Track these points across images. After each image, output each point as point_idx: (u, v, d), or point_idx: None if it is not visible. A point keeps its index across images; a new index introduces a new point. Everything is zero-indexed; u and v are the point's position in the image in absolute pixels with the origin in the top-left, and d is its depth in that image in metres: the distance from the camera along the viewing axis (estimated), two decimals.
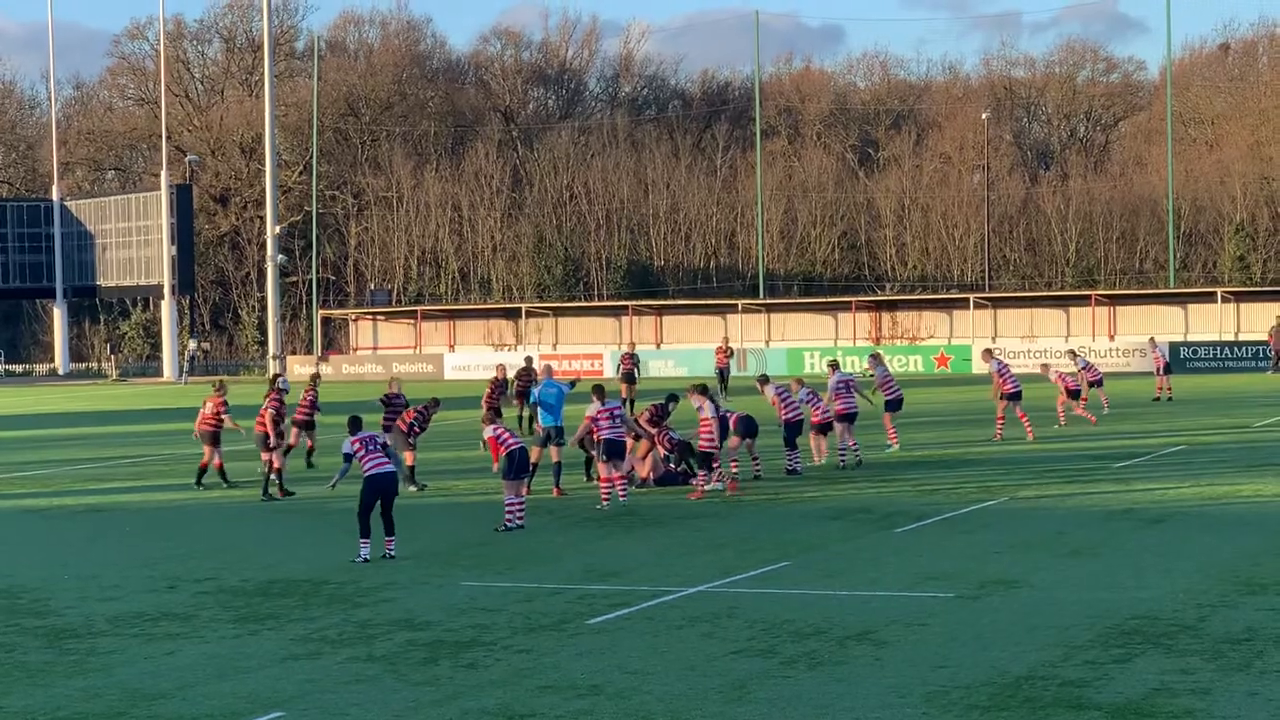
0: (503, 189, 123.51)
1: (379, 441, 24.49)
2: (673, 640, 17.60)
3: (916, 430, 44.65)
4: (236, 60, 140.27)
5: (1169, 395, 55.77)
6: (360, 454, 24.12)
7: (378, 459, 24.06)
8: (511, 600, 20.19)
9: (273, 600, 20.74)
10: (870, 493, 30.25)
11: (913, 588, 20.31)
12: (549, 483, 31.21)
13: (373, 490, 23.93)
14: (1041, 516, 26.46)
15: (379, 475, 23.97)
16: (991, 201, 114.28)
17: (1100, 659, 16.10)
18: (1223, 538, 23.73)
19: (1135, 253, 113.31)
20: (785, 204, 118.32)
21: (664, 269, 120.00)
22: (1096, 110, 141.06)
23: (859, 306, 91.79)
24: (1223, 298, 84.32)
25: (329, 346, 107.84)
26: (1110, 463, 34.22)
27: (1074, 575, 20.93)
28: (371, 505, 23.89)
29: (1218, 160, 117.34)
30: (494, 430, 27.11)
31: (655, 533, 26.14)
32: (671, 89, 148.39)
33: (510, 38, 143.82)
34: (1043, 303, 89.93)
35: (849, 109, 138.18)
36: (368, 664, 16.95)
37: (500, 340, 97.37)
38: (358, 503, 23.97)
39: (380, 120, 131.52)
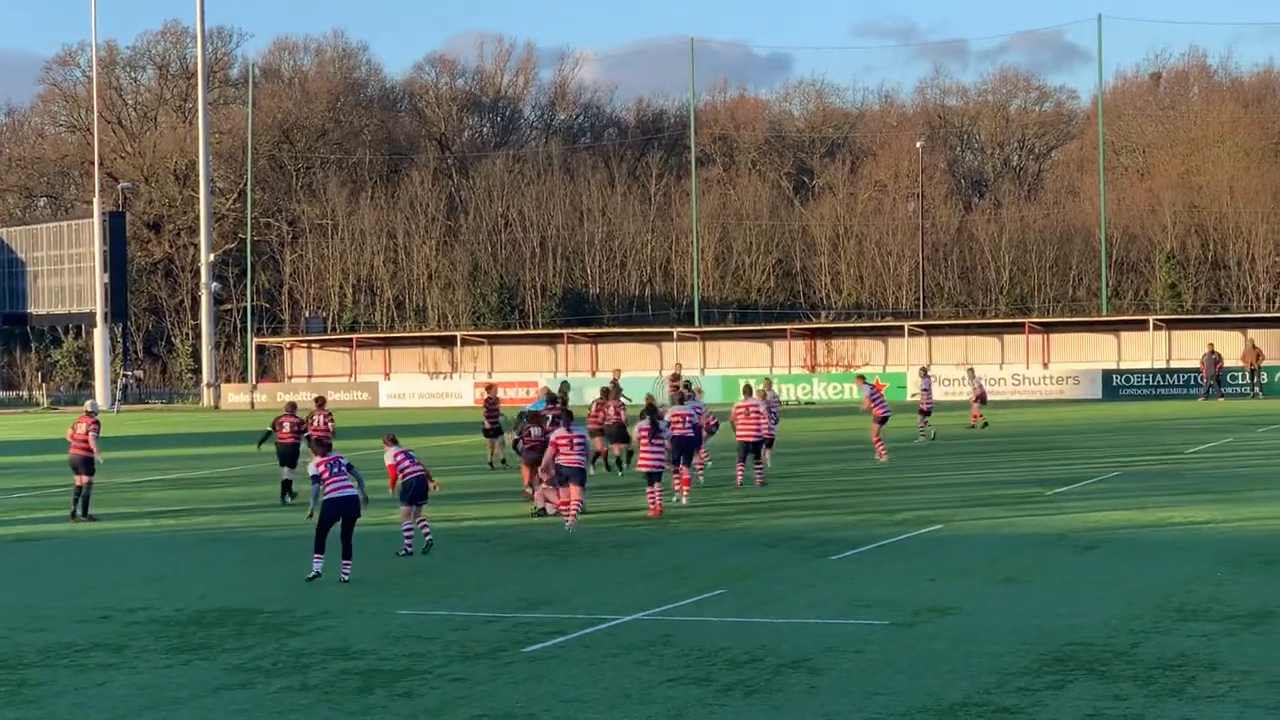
0: (438, 217, 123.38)
1: (344, 464, 24.71)
2: (608, 668, 17.56)
3: (852, 458, 44.78)
4: (170, 87, 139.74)
5: (983, 423, 55.93)
6: (324, 475, 24.40)
7: (339, 481, 24.36)
8: (447, 629, 20.11)
9: (206, 630, 20.60)
10: (806, 520, 30.28)
11: (848, 615, 20.33)
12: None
13: (331, 512, 24.26)
14: (976, 543, 26.54)
15: (338, 499, 24.29)
16: (926, 229, 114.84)
17: (1034, 685, 16.14)
18: (1155, 564, 23.85)
19: (1068, 280, 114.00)
20: (720, 232, 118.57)
21: (599, 297, 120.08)
22: (1030, 139, 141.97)
23: (794, 334, 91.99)
24: (1154, 325, 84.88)
25: (263, 374, 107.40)
26: (1044, 489, 34.36)
27: (1008, 602, 20.99)
28: (329, 525, 24.20)
29: (1149, 189, 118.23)
30: (393, 456, 27.29)
31: (591, 560, 26.09)
32: (607, 117, 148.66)
33: (445, 65, 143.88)
34: (977, 330, 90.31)
35: (784, 137, 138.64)
36: (301, 694, 16.84)
37: (436, 368, 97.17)
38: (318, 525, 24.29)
39: (315, 147, 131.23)
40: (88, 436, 34.02)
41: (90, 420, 34.50)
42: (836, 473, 40.35)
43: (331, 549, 24.06)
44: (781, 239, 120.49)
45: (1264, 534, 26.83)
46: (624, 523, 30.60)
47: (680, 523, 30.46)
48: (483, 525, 30.94)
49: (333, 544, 24.04)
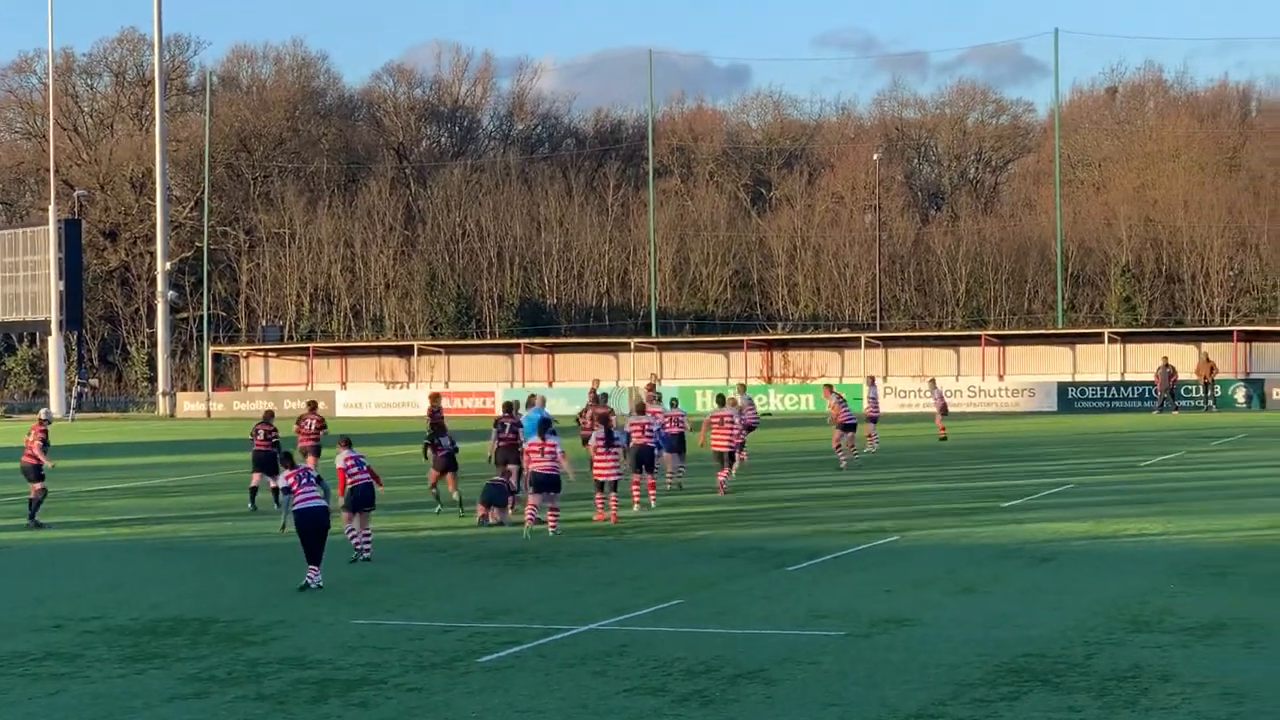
0: (395, 226, 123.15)
1: (313, 475, 25.00)
2: (564, 679, 17.55)
3: (809, 469, 44.85)
4: (127, 94, 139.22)
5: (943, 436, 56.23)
6: (294, 487, 24.81)
7: (309, 492, 24.64)
8: (402, 638, 20.08)
9: (160, 639, 20.53)
10: (763, 531, 30.31)
11: (804, 626, 20.35)
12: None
13: (305, 523, 24.53)
14: (932, 554, 26.60)
15: (306, 509, 24.56)
16: (883, 241, 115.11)
17: (989, 697, 16.19)
18: (1110, 576, 23.93)
19: (1024, 293, 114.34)
20: (678, 243, 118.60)
21: (556, 307, 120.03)
22: (986, 152, 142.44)
23: (751, 345, 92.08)
24: (1110, 338, 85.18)
25: (219, 383, 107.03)
26: (1000, 501, 34.46)
27: (964, 613, 21.04)
28: (310, 538, 24.48)
29: (1105, 202, 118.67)
30: (343, 460, 27.51)
31: (547, 570, 26.08)
32: (565, 127, 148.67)
33: (403, 75, 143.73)
34: (933, 342, 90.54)
35: (742, 148, 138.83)
36: (257, 703, 16.80)
37: (392, 378, 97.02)
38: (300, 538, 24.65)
39: (273, 156, 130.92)
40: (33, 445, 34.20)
41: (39, 428, 34.69)
42: (794, 484, 40.41)
43: (296, 557, 24.01)
44: (738, 250, 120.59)
45: (1216, 546, 26.95)
46: (581, 533, 30.59)
47: (637, 533, 30.47)
48: (439, 535, 30.91)
49: (296, 552, 23.99)
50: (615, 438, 32.38)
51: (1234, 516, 30.84)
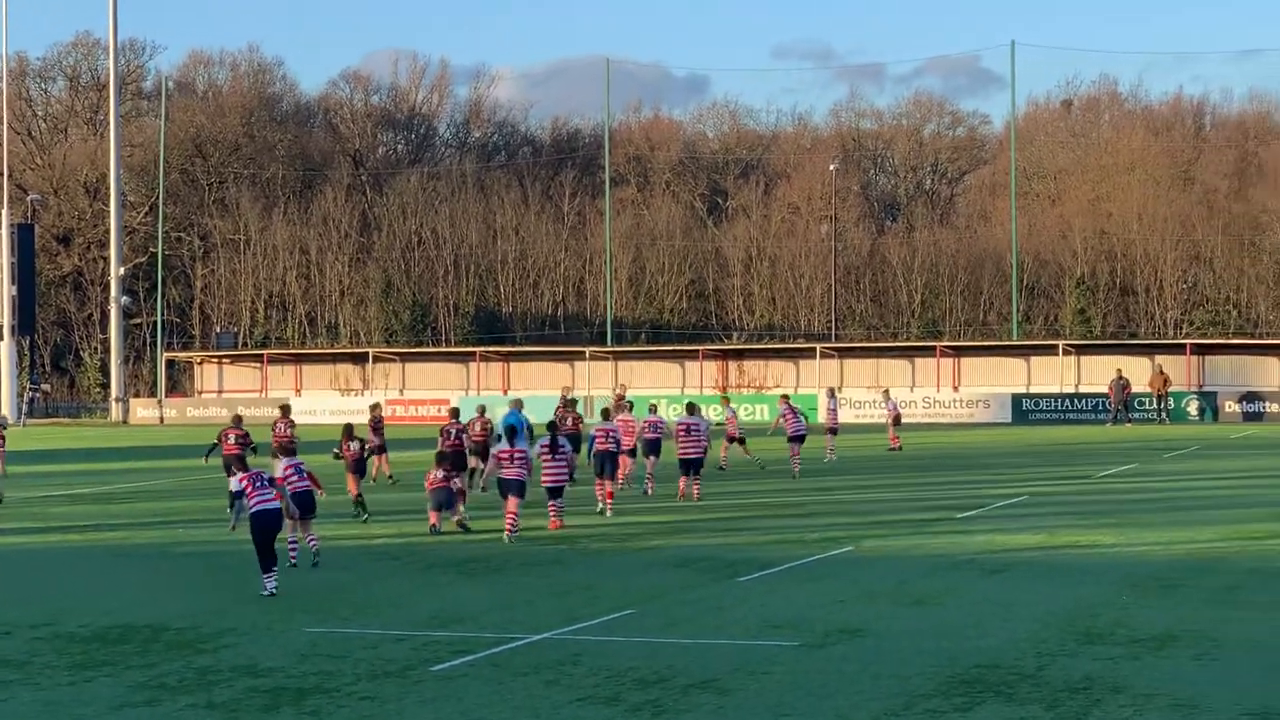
0: (351, 233, 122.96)
1: (266, 478, 25.10)
2: (517, 687, 17.52)
3: (763, 479, 44.90)
4: (81, 99, 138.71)
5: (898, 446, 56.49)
6: (248, 490, 24.84)
7: (263, 495, 24.73)
8: (355, 647, 20.01)
9: (110, 646, 20.41)
10: (715, 541, 30.31)
11: (757, 636, 20.35)
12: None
13: (258, 527, 24.55)
14: (886, 566, 26.63)
15: (263, 511, 24.61)
16: (838, 252, 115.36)
17: (942, 708, 16.21)
18: (1063, 587, 23.99)
19: (979, 305, 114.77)
20: (634, 252, 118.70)
21: (512, 315, 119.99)
22: (942, 163, 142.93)
23: (706, 355, 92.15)
24: (1064, 350, 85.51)
25: (173, 389, 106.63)
26: (954, 513, 34.54)
27: (917, 624, 21.07)
28: (265, 540, 24.48)
29: (1060, 215, 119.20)
30: (282, 469, 27.44)
31: (500, 579, 26.03)
32: (522, 135, 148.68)
33: (360, 82, 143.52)
34: (888, 353, 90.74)
35: (698, 158, 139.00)
36: (208, 711, 16.72)
37: (347, 385, 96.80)
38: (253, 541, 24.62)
39: (228, 162, 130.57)
40: None
41: None
42: (747, 494, 40.44)
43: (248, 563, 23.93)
44: (695, 260, 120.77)
45: (1168, 558, 27.05)
46: (535, 542, 30.56)
47: (590, 542, 30.44)
48: (394, 543, 30.84)
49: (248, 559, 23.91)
50: (561, 445, 32.44)
51: (1186, 529, 30.96)
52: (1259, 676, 17.56)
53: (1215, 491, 39.70)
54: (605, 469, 35.48)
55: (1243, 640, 19.58)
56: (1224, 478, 44.12)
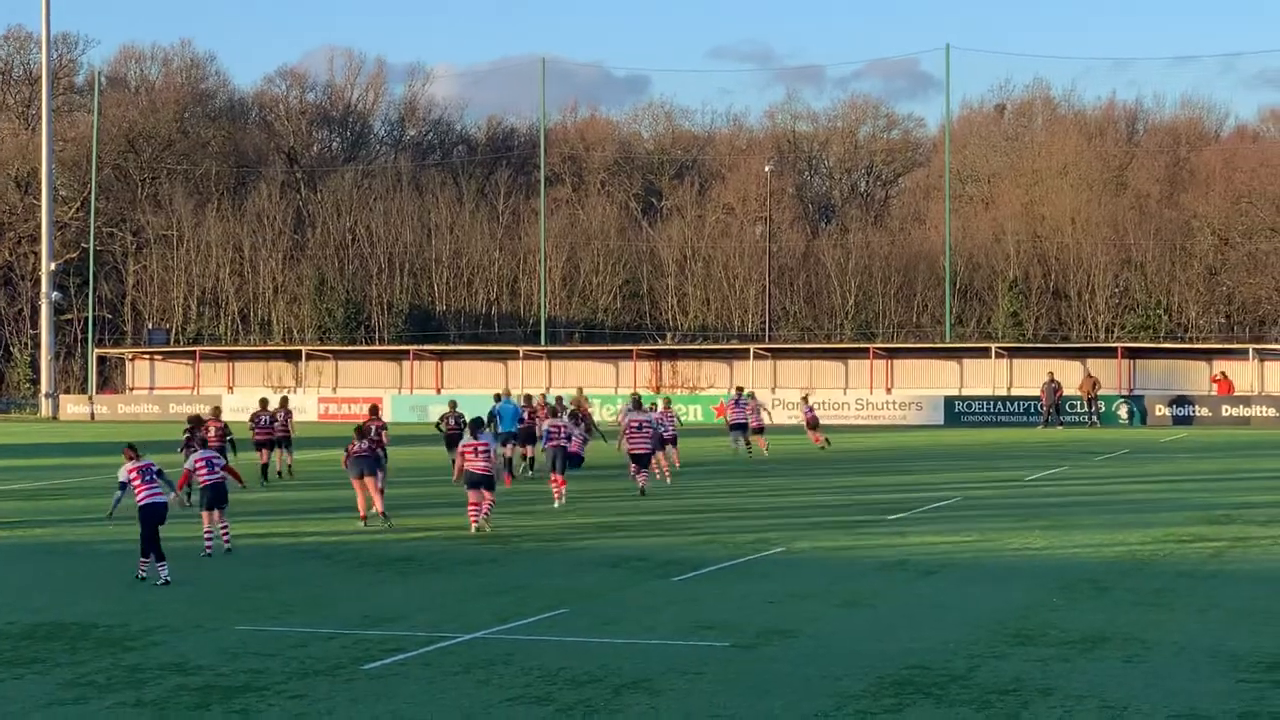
0: (285, 230, 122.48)
1: (154, 470, 25.73)
2: (449, 687, 17.49)
3: (694, 479, 44.94)
4: (13, 93, 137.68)
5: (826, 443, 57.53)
6: (136, 482, 25.50)
7: (151, 489, 25.46)
8: (286, 645, 19.94)
9: (38, 644, 20.28)
10: (648, 541, 30.33)
11: (689, 636, 20.37)
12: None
13: (147, 517, 25.24)
14: (817, 567, 26.69)
15: (151, 504, 25.39)
16: (773, 253, 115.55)
17: (872, 709, 16.26)
18: (994, 589, 24.10)
19: (913, 307, 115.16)
20: (568, 251, 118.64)
21: (446, 314, 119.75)
22: (877, 165, 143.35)
23: (640, 355, 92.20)
24: (996, 353, 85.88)
25: (104, 386, 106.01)
26: (885, 514, 34.65)
27: (849, 625, 21.13)
28: (148, 533, 25.14)
29: (993, 218, 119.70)
30: (193, 461, 28.69)
31: (433, 578, 25.98)
32: (457, 134, 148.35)
33: (296, 78, 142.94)
34: (822, 355, 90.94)
35: (633, 158, 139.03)
36: (137, 709, 16.63)
37: (280, 382, 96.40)
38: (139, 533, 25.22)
39: (161, 158, 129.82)
40: None
41: None
42: (679, 494, 40.47)
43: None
44: (629, 260, 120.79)
45: (1098, 561, 27.20)
46: (468, 540, 30.52)
47: (522, 541, 30.43)
48: (325, 541, 30.74)
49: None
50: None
51: (1116, 531, 31.15)
52: (1188, 678, 17.67)
53: (1145, 494, 39.95)
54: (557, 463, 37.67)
55: (1172, 642, 19.70)
56: (1154, 481, 44.40)
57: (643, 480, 39.84)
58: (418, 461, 50.28)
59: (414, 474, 46.39)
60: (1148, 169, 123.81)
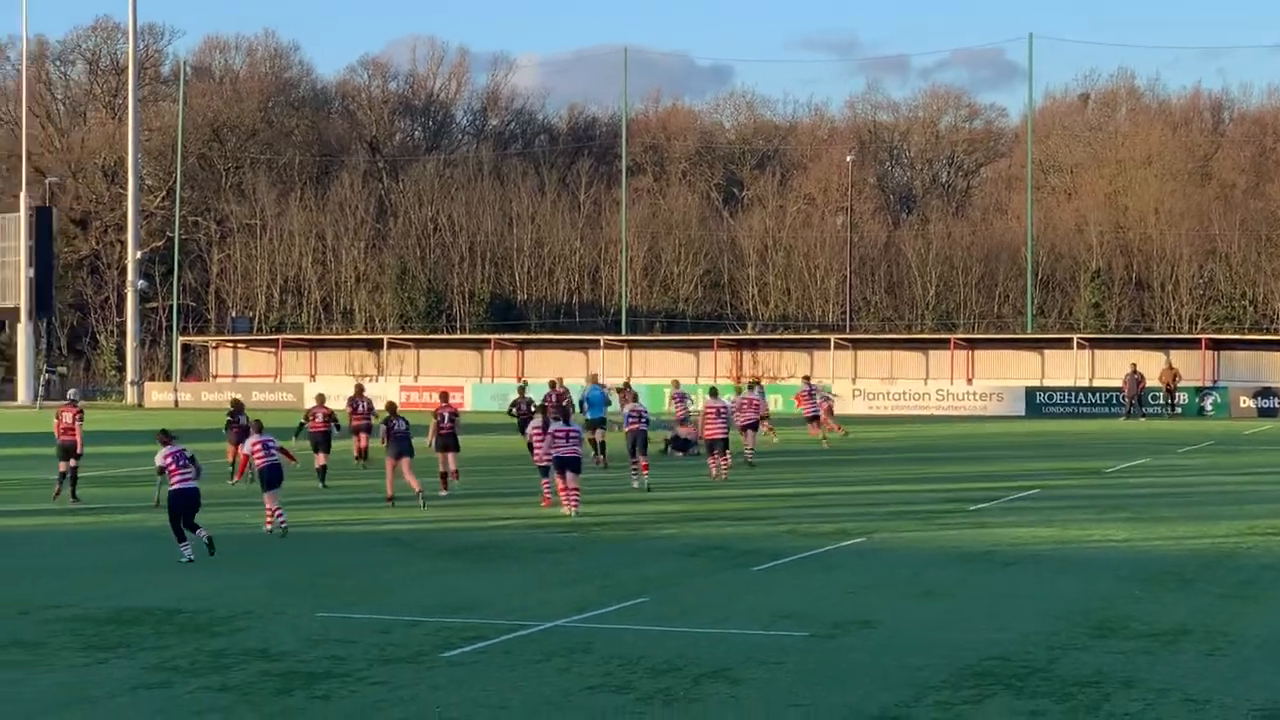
0: (367, 219, 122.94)
1: (187, 456, 26.70)
2: (529, 674, 17.56)
3: (775, 469, 44.90)
4: (100, 82, 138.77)
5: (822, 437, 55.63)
6: (170, 467, 26.49)
7: (184, 475, 26.43)
8: (368, 632, 20.07)
9: (124, 628, 20.48)
10: (728, 530, 30.35)
11: (768, 626, 20.38)
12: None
13: (178, 504, 26.39)
14: (897, 557, 26.65)
15: (182, 490, 26.47)
16: (853, 244, 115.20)
17: (952, 700, 16.23)
18: (1074, 581, 23.99)
19: (994, 297, 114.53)
20: (649, 241, 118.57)
21: (527, 303, 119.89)
22: (959, 156, 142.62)
23: (721, 345, 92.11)
24: (1078, 344, 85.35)
25: (189, 373, 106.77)
26: (965, 505, 34.54)
27: (928, 616, 21.09)
28: (178, 517, 26.20)
29: (1076, 209, 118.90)
30: (250, 445, 29.95)
31: (514, 566, 26.08)
32: (539, 123, 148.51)
33: (378, 68, 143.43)
34: (903, 345, 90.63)
35: (715, 148, 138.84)
36: (220, 694, 16.78)
37: (361, 371, 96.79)
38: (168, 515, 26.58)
39: (245, 147, 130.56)
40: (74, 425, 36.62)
41: (75, 410, 37.24)
42: (759, 483, 40.46)
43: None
44: (710, 250, 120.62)
45: (1180, 553, 27.04)
46: (548, 528, 30.61)
47: (603, 530, 30.49)
48: (407, 529, 30.89)
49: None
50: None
51: (1199, 523, 30.96)
52: (1271, 672, 17.57)
53: (1229, 487, 39.67)
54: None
55: (1255, 636, 19.59)
56: (1237, 473, 44.10)
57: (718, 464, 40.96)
58: (497, 449, 50.38)
59: (492, 462, 46.56)
60: (1233, 159, 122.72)
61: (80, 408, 37.90)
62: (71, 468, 36.44)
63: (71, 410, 37.38)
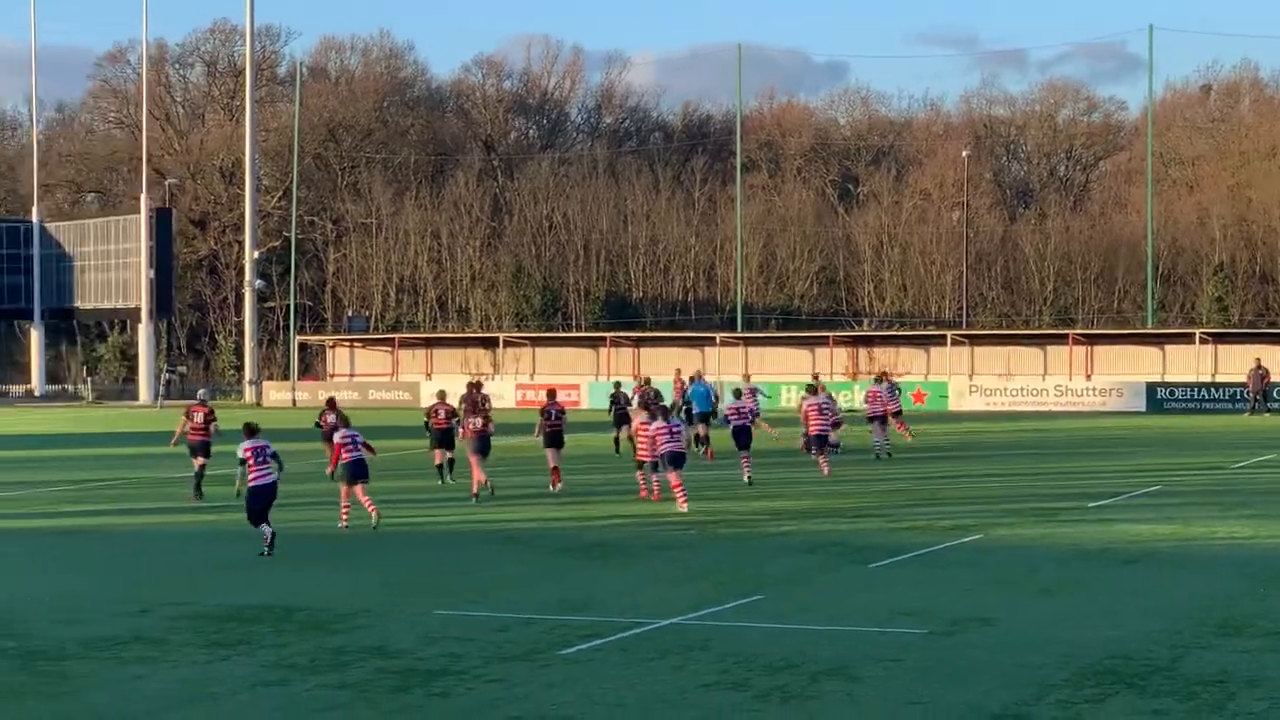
0: (482, 218, 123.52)
1: (269, 452, 27.48)
2: (645, 672, 17.53)
3: (892, 465, 44.69)
4: (218, 84, 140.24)
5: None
6: (250, 462, 27.27)
7: (262, 469, 27.24)
8: (484, 629, 20.10)
9: (244, 626, 20.63)
10: (845, 527, 30.21)
11: (886, 623, 20.25)
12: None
13: (256, 499, 27.20)
14: (1016, 554, 26.43)
15: (262, 486, 27.29)
16: (970, 239, 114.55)
17: (1073, 699, 16.06)
18: (1198, 579, 23.71)
19: (1113, 292, 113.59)
20: (764, 238, 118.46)
21: (642, 300, 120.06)
22: (1077, 149, 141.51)
23: (837, 341, 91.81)
24: (1201, 339, 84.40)
25: (305, 373, 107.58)
26: (1084, 502, 34.22)
27: (1048, 614, 20.89)
28: (257, 510, 27.17)
29: (1198, 202, 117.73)
30: (340, 436, 30.44)
31: (630, 563, 26.07)
32: (653, 121, 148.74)
33: (492, 67, 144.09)
34: (1020, 341, 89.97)
35: (829, 144, 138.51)
36: (339, 691, 16.85)
37: (477, 369, 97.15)
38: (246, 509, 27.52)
39: (361, 147, 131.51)
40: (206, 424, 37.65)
41: (206, 409, 38.29)
42: (876, 480, 40.27)
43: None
44: (825, 246, 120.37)
45: None
46: (664, 526, 30.59)
47: (718, 527, 30.44)
48: (523, 527, 30.96)
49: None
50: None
51: None
52: None
53: None
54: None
55: None
56: None
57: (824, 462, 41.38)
58: (607, 447, 50.20)
59: (603, 461, 46.55)
60: None
61: (211, 407, 38.78)
62: (200, 465, 37.22)
63: (202, 410, 38.28)
